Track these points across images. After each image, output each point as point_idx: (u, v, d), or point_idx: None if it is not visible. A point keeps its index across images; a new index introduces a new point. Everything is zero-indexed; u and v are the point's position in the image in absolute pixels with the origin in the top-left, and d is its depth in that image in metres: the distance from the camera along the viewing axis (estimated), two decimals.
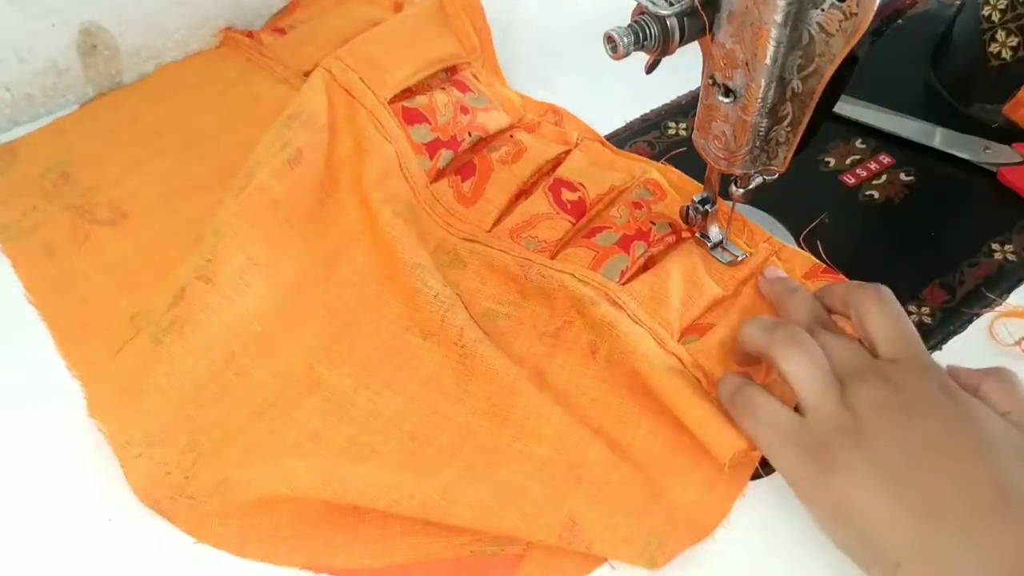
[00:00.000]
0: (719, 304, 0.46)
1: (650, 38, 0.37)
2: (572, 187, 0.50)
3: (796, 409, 0.37)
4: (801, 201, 0.51)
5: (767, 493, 0.39)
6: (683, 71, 0.45)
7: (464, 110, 0.53)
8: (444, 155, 0.51)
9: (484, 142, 0.53)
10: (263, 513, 0.39)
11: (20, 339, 0.44)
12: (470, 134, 0.52)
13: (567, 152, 0.53)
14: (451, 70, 0.55)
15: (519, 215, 0.49)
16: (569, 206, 0.49)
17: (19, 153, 0.56)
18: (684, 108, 0.58)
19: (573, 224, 0.48)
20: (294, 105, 0.49)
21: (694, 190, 0.50)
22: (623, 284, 0.45)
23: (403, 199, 0.49)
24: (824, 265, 0.47)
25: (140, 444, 0.40)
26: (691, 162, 0.52)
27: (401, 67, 0.52)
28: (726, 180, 0.44)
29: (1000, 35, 0.54)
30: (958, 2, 0.62)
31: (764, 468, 0.40)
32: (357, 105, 0.50)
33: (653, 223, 0.48)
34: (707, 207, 0.46)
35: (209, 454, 0.40)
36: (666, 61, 0.40)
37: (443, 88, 0.53)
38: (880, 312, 0.39)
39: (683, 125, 0.57)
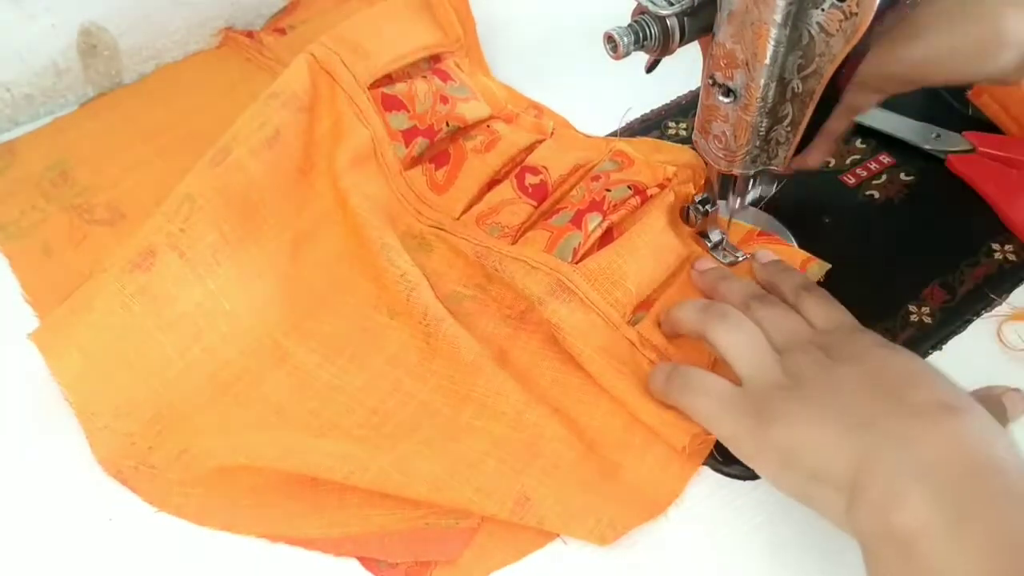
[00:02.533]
0: (671, 277, 0.47)
1: (650, 38, 0.37)
2: (535, 171, 0.51)
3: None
4: (801, 201, 0.51)
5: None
6: (683, 71, 0.45)
7: (444, 99, 0.53)
8: (420, 143, 0.51)
9: (461, 131, 0.53)
10: (223, 483, 0.39)
11: (18, 338, 0.44)
12: (448, 124, 0.52)
13: (540, 141, 0.53)
14: (434, 59, 0.56)
15: (486, 203, 0.50)
16: (531, 190, 0.50)
17: (19, 153, 0.56)
18: (684, 108, 0.58)
19: (535, 207, 0.49)
20: (275, 85, 0.49)
21: (671, 151, 0.51)
22: (577, 262, 0.45)
23: (375, 184, 0.50)
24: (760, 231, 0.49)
25: (106, 416, 0.41)
26: None
27: (384, 53, 0.52)
28: (726, 180, 0.44)
29: None
30: None
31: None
32: (338, 88, 0.50)
33: (608, 190, 0.48)
34: (707, 207, 0.46)
35: (173, 426, 0.41)
36: (666, 61, 0.40)
37: (424, 76, 0.54)
38: (810, 297, 0.41)
39: (683, 125, 0.57)
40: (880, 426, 0.33)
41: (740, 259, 0.47)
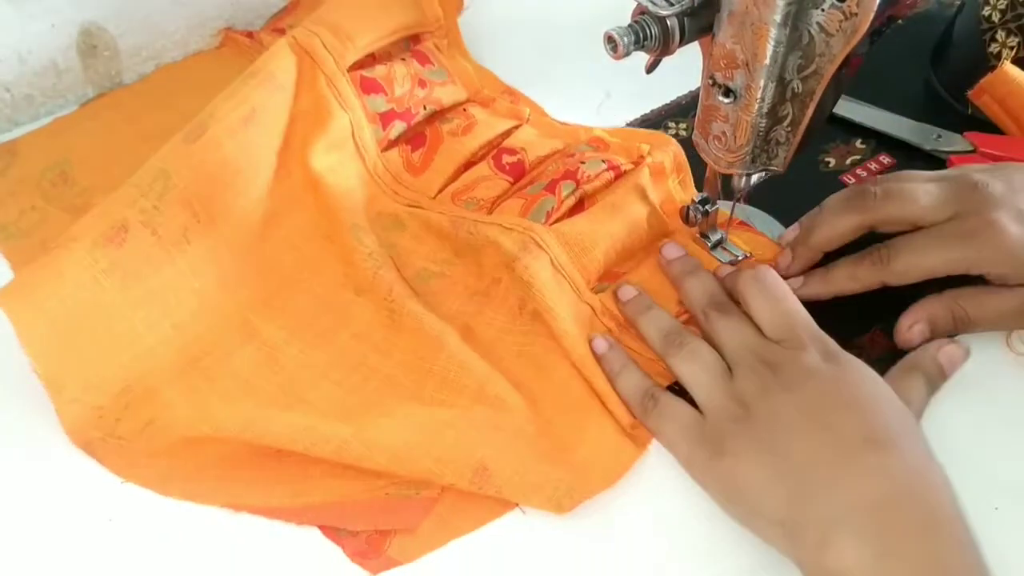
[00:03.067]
0: (641, 252, 0.48)
1: (650, 38, 0.37)
2: (513, 151, 0.52)
3: None
4: (801, 201, 0.51)
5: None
6: (683, 71, 0.45)
7: (422, 83, 0.53)
8: (396, 126, 0.52)
9: (438, 115, 0.54)
10: (188, 454, 0.40)
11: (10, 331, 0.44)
12: (425, 107, 0.53)
13: (517, 126, 0.54)
14: (413, 39, 0.56)
15: (461, 181, 0.51)
16: (508, 167, 0.51)
17: (19, 153, 0.56)
18: (684, 108, 0.58)
19: (512, 183, 0.50)
20: (254, 65, 0.49)
21: (648, 137, 0.52)
22: (550, 224, 0.46)
23: (353, 166, 0.50)
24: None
25: (75, 389, 0.41)
26: (691, 162, 0.52)
27: (364, 34, 0.52)
28: (726, 180, 0.44)
29: (1000, 35, 0.54)
30: (958, 2, 0.61)
31: None
32: (318, 70, 0.50)
33: (582, 162, 0.49)
34: (707, 207, 0.46)
35: (141, 399, 0.42)
36: (666, 61, 0.40)
37: (403, 59, 0.54)
38: (760, 296, 0.42)
39: (683, 125, 0.57)
40: (808, 469, 0.35)
41: (740, 258, 0.47)
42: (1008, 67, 0.53)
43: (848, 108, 0.56)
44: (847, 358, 0.39)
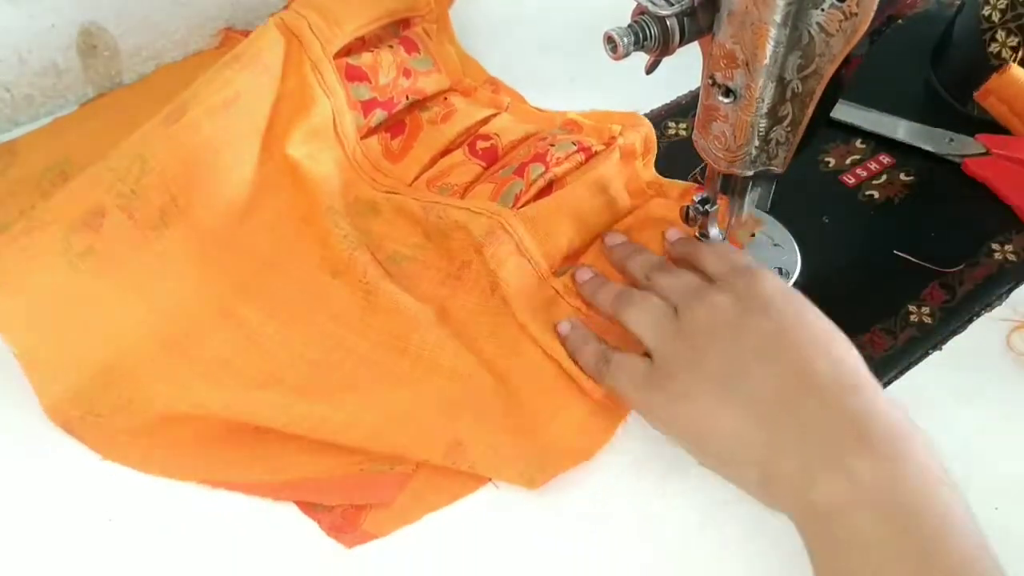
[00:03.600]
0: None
1: (650, 38, 0.37)
2: (487, 138, 0.53)
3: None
4: (801, 201, 0.51)
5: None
6: (683, 71, 0.45)
7: (407, 73, 0.54)
8: (377, 114, 0.52)
9: (419, 103, 0.55)
10: (167, 432, 0.41)
11: None
12: (408, 97, 0.54)
13: (495, 114, 0.55)
14: (403, 23, 0.56)
15: (437, 168, 0.52)
16: (481, 152, 0.52)
17: (19, 153, 0.56)
18: (684, 108, 0.58)
19: (485, 168, 0.51)
20: (240, 47, 0.49)
21: (622, 117, 0.53)
22: (518, 208, 0.47)
23: (332, 152, 0.50)
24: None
25: (53, 370, 0.42)
26: (691, 162, 0.52)
27: (353, 18, 0.52)
28: (726, 180, 0.44)
29: (1000, 35, 0.54)
30: (958, 2, 0.61)
31: None
32: (304, 55, 0.50)
33: (552, 145, 0.50)
34: (707, 207, 0.46)
35: (119, 380, 0.42)
36: (666, 61, 0.40)
37: (391, 46, 0.54)
38: (709, 250, 0.43)
39: (683, 125, 0.57)
40: (777, 406, 0.35)
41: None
42: (1015, 68, 0.53)
43: (853, 113, 0.56)
44: (794, 296, 0.39)
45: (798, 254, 0.49)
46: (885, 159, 0.55)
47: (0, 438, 0.42)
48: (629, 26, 0.37)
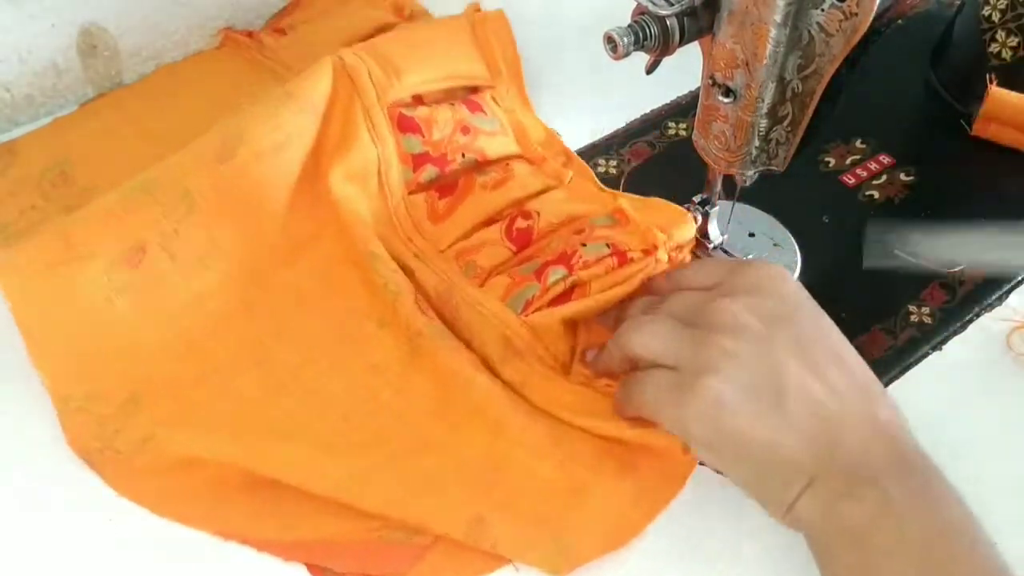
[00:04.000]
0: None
1: (650, 38, 0.37)
2: (527, 215, 0.48)
3: None
4: (801, 201, 0.51)
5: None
6: (683, 71, 0.45)
7: (465, 130, 0.51)
8: (428, 170, 0.50)
9: (479, 165, 0.51)
10: (184, 475, 0.40)
11: (17, 339, 0.44)
12: (463, 155, 0.50)
13: (549, 189, 0.51)
14: (472, 90, 0.54)
15: (473, 239, 0.48)
16: (516, 234, 0.48)
17: (19, 153, 0.56)
18: (684, 108, 0.58)
19: (514, 253, 0.47)
20: (294, 84, 0.48)
21: (669, 219, 0.47)
22: (528, 314, 0.43)
23: (374, 203, 0.49)
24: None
25: (80, 399, 0.41)
26: (691, 162, 0.52)
27: (415, 72, 0.50)
28: (726, 180, 0.44)
29: (1000, 35, 0.54)
30: (958, 2, 0.61)
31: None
32: (356, 98, 0.49)
33: (583, 244, 0.45)
34: (707, 208, 0.46)
35: (144, 412, 0.42)
36: (666, 61, 0.40)
37: (452, 104, 0.52)
38: (695, 268, 0.43)
39: (683, 125, 0.57)
40: (821, 429, 0.34)
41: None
42: (995, 90, 0.53)
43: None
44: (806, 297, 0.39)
45: (798, 254, 0.49)
46: (885, 159, 0.55)
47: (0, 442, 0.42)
48: (629, 26, 0.37)
